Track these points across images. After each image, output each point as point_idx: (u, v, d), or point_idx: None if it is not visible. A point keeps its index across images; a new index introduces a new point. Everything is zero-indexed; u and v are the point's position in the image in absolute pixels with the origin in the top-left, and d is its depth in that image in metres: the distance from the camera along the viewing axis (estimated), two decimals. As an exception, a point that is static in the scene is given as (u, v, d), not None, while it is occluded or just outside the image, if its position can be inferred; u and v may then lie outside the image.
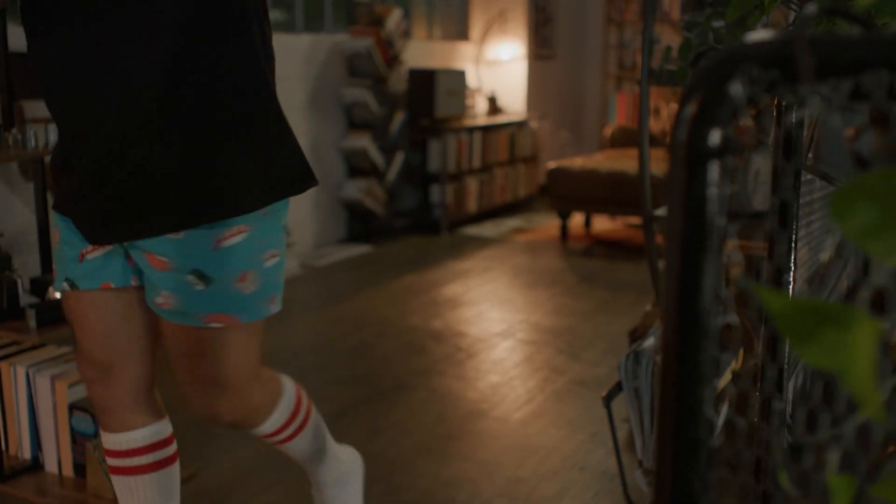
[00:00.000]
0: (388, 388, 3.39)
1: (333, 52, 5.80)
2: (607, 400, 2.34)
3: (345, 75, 5.91)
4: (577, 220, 6.75)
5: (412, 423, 3.06)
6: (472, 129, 6.75)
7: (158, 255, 1.58)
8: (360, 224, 6.14)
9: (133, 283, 1.68)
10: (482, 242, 6.22)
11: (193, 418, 1.78)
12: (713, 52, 0.74)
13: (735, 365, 2.39)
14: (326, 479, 2.13)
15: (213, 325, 1.62)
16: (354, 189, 5.89)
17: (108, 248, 1.65)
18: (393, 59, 6.07)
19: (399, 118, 6.21)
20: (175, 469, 1.88)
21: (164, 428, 1.85)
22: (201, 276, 1.58)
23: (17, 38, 2.81)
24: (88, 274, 1.66)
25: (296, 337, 4.04)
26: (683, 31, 2.94)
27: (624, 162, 6.24)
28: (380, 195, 6.04)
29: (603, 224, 6.93)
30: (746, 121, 3.27)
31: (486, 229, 6.68)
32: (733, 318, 0.80)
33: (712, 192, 0.71)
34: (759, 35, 0.71)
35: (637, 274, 5.38)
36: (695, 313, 0.73)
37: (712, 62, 0.71)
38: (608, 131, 7.47)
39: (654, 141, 7.38)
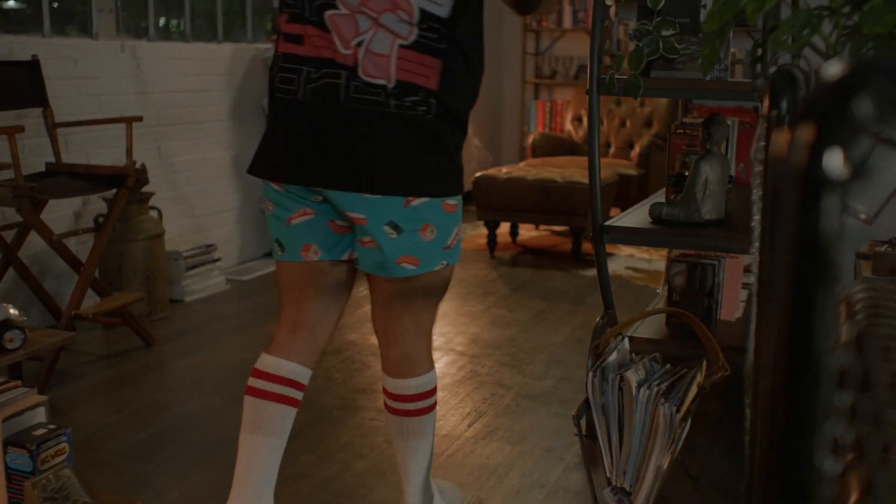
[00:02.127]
0: (334, 408, 3.28)
1: (255, 61, 5.64)
2: (577, 419, 2.28)
3: (267, 85, 5.75)
4: (502, 228, 6.71)
5: (363, 445, 2.96)
6: (395, 139, 6.64)
7: None
8: (284, 237, 5.97)
9: None
10: (410, 253, 6.12)
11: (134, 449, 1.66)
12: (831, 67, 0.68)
13: (700, 378, 2.36)
14: None
15: None
16: (279, 201, 5.72)
17: None
18: (316, 69, 5.93)
19: (323, 128, 6.07)
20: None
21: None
22: None
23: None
24: None
25: (229, 357, 3.89)
26: (632, 39, 2.91)
27: (549, 170, 6.23)
28: (305, 207, 5.90)
29: (528, 232, 6.92)
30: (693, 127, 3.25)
31: (412, 240, 6.58)
32: (847, 359, 0.74)
33: (831, 223, 0.64)
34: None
35: (568, 282, 5.37)
36: (809, 355, 0.66)
37: (832, 77, 0.65)
38: (529, 139, 7.45)
39: (581, 149, 7.41)
